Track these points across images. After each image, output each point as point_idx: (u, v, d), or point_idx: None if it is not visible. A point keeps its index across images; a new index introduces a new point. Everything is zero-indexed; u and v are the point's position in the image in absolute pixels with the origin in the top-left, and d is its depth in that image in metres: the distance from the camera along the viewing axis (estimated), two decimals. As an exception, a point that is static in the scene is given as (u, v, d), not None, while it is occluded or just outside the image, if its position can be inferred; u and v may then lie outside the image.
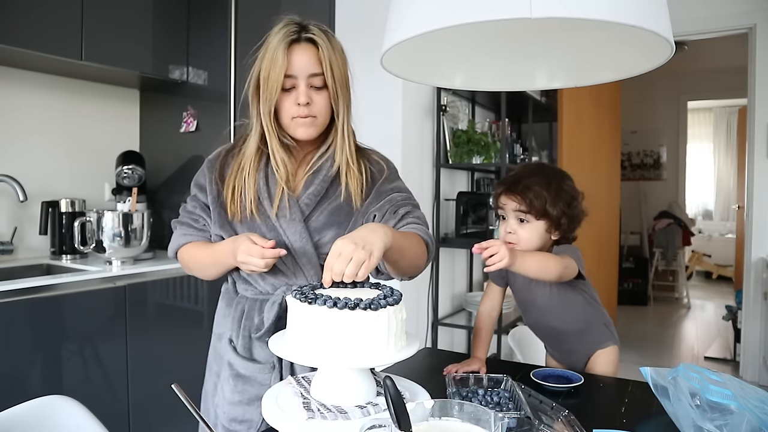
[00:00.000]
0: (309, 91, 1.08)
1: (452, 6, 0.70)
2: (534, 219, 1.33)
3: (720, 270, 6.98)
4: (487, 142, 3.12)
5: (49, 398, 1.07)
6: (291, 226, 1.10)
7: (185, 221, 1.20)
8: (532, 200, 1.32)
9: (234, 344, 1.13)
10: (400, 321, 0.85)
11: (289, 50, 1.06)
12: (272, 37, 1.09)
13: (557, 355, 1.54)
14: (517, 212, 1.34)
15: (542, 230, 1.35)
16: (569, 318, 1.42)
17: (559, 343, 1.51)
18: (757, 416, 0.81)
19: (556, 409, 0.98)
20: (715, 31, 3.48)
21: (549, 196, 1.32)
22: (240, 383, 1.10)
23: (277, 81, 1.06)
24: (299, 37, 1.08)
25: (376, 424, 0.71)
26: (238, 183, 1.13)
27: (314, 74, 1.07)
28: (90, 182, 2.45)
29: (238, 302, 1.15)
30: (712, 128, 7.80)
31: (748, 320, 3.52)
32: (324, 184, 1.13)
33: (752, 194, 3.43)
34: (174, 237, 1.20)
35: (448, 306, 3.27)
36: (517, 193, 1.34)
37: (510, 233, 1.36)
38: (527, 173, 1.38)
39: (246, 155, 1.13)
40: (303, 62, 1.07)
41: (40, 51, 1.93)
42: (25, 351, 1.68)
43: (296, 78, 1.07)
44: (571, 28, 0.91)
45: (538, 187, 1.32)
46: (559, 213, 1.32)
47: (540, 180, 1.34)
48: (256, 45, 1.13)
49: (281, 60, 1.05)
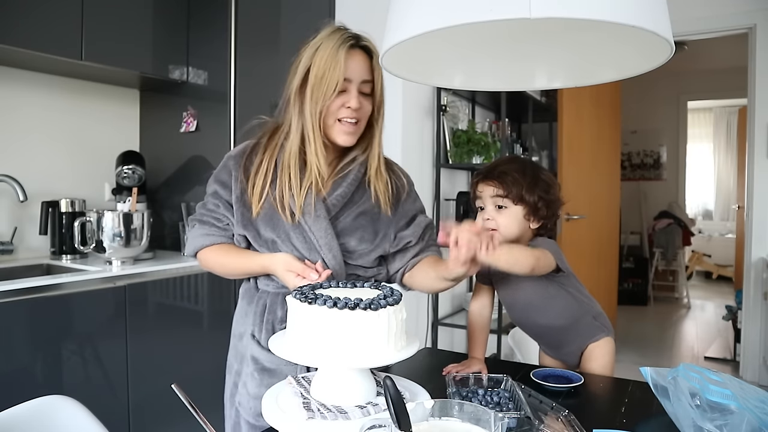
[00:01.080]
0: (359, 97, 1.11)
1: (452, 6, 0.70)
2: (512, 204, 1.33)
3: (720, 270, 6.98)
4: (487, 142, 3.12)
5: (49, 398, 1.07)
6: (317, 223, 1.10)
7: (207, 220, 1.17)
8: (509, 184, 1.33)
9: (257, 338, 1.14)
10: (400, 321, 0.85)
11: (347, 54, 1.08)
12: (326, 39, 1.09)
13: (549, 352, 1.54)
14: (494, 198, 1.35)
15: (520, 216, 1.35)
16: (553, 313, 1.41)
17: (548, 339, 1.50)
18: (757, 416, 0.81)
19: (556, 409, 0.98)
20: (715, 31, 3.48)
21: (525, 182, 1.33)
22: (266, 377, 1.11)
23: (335, 81, 1.07)
24: (357, 43, 1.11)
25: (376, 424, 0.71)
26: (262, 180, 1.13)
27: (366, 81, 1.11)
28: (90, 182, 2.45)
29: (259, 297, 1.17)
30: (712, 128, 7.80)
31: (748, 320, 3.52)
32: (351, 187, 1.15)
33: (752, 194, 3.43)
34: (193, 236, 1.18)
35: (448, 306, 3.27)
36: (494, 178, 1.35)
37: (488, 220, 1.36)
38: (503, 162, 1.41)
39: (291, 154, 1.12)
40: (359, 67, 1.10)
41: (40, 51, 1.93)
42: (25, 351, 1.68)
43: (350, 82, 1.10)
44: (570, 28, 0.91)
45: (515, 173, 1.34)
46: (536, 198, 1.33)
47: (516, 167, 1.36)
48: (259, 47, 1.14)
49: (342, 62, 1.07)
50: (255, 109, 1.24)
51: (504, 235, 1.34)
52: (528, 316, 1.46)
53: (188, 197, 2.42)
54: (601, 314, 1.48)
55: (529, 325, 1.50)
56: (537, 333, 1.51)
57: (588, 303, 1.46)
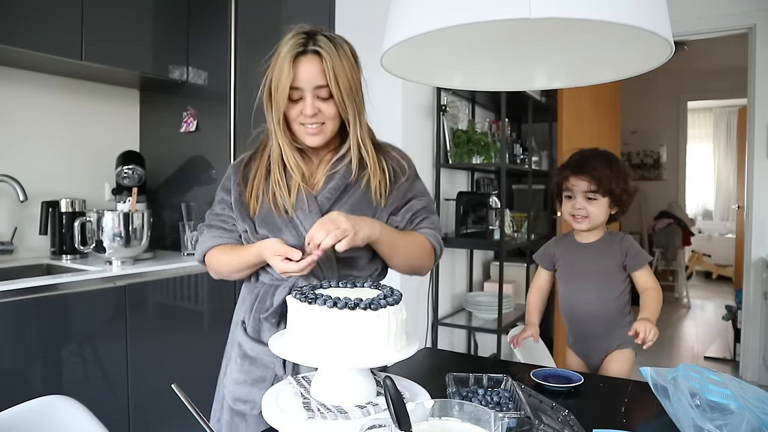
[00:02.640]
0: (316, 102, 1.11)
1: (452, 6, 0.70)
2: (601, 196, 1.54)
3: (720, 270, 6.98)
4: (487, 142, 3.12)
5: (49, 398, 1.07)
6: (309, 218, 1.12)
7: (214, 224, 1.22)
8: (601, 179, 1.52)
9: (245, 326, 1.18)
10: (400, 321, 0.85)
11: (295, 62, 1.09)
12: (282, 48, 1.11)
13: (577, 345, 1.61)
14: (586, 192, 1.54)
15: (607, 206, 1.56)
16: (604, 298, 1.56)
17: (584, 324, 1.61)
18: (757, 416, 0.81)
19: (556, 408, 0.98)
20: (714, 31, 3.48)
21: (612, 176, 1.52)
22: (246, 363, 1.15)
23: (284, 92, 1.09)
24: (305, 49, 1.09)
25: (376, 424, 0.71)
26: (258, 183, 1.18)
27: (320, 86, 1.10)
28: (90, 182, 2.45)
29: (254, 287, 1.20)
30: (712, 128, 7.81)
31: (747, 320, 3.52)
32: (344, 180, 1.16)
33: (752, 194, 3.43)
34: (202, 240, 1.22)
35: (448, 306, 3.27)
36: (586, 173, 1.54)
37: (579, 209, 1.56)
38: (590, 156, 1.58)
39: (273, 158, 1.17)
40: (308, 74, 1.09)
41: (40, 51, 1.93)
42: (25, 351, 1.68)
43: (303, 90, 1.10)
44: (570, 28, 0.91)
45: (603, 168, 1.53)
46: (620, 190, 1.54)
47: (603, 162, 1.55)
48: (259, 47, 1.15)
49: (287, 72, 1.08)
50: (255, 110, 1.23)
51: (594, 223, 1.57)
52: (580, 294, 1.61)
53: (188, 197, 2.42)
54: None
55: (577, 304, 1.62)
56: (579, 313, 1.62)
57: (630, 315, 1.60)
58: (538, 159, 3.84)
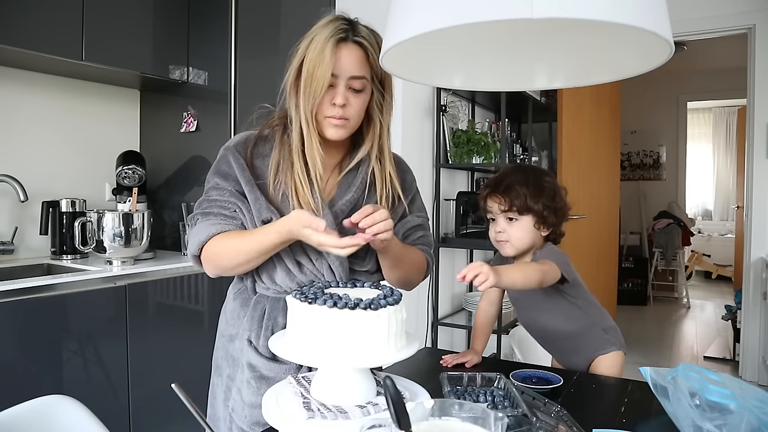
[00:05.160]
0: (347, 93, 1.05)
1: (452, 6, 0.70)
2: (519, 216, 1.39)
3: (719, 270, 6.98)
4: (487, 142, 3.12)
5: (49, 398, 1.07)
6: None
7: (211, 211, 1.08)
8: (513, 199, 1.38)
9: (255, 345, 1.09)
10: (400, 321, 0.85)
11: (336, 48, 1.02)
12: (320, 32, 1.03)
13: (557, 358, 1.55)
14: (504, 212, 1.40)
15: (530, 226, 1.40)
16: (559, 319, 1.43)
17: (553, 345, 1.52)
18: (757, 416, 0.81)
19: (549, 404, 0.99)
20: (714, 32, 3.49)
21: (528, 192, 1.38)
22: (264, 385, 1.04)
23: (323, 79, 1.02)
24: (347, 36, 1.04)
25: (376, 424, 0.71)
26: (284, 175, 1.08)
27: (355, 77, 1.05)
28: (90, 182, 2.45)
29: (257, 301, 1.11)
30: (711, 128, 7.81)
31: (747, 320, 3.53)
32: (359, 191, 1.12)
33: (752, 194, 3.43)
34: (197, 231, 1.07)
35: (448, 306, 3.27)
36: (500, 193, 1.40)
37: (500, 233, 1.42)
38: (506, 173, 1.44)
39: (294, 149, 1.08)
40: (348, 62, 1.03)
41: (40, 51, 1.93)
42: (26, 351, 1.68)
43: (337, 77, 1.04)
44: (570, 28, 0.91)
45: (518, 185, 1.38)
46: (541, 207, 1.38)
47: (518, 178, 1.40)
48: (259, 47, 1.13)
49: (329, 58, 1.01)
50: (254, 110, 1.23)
51: (516, 247, 1.41)
52: (534, 317, 1.49)
53: (188, 197, 2.42)
54: (613, 328, 1.48)
55: (536, 328, 1.52)
56: (542, 337, 1.53)
57: (598, 315, 1.47)
58: (538, 159, 3.83)
